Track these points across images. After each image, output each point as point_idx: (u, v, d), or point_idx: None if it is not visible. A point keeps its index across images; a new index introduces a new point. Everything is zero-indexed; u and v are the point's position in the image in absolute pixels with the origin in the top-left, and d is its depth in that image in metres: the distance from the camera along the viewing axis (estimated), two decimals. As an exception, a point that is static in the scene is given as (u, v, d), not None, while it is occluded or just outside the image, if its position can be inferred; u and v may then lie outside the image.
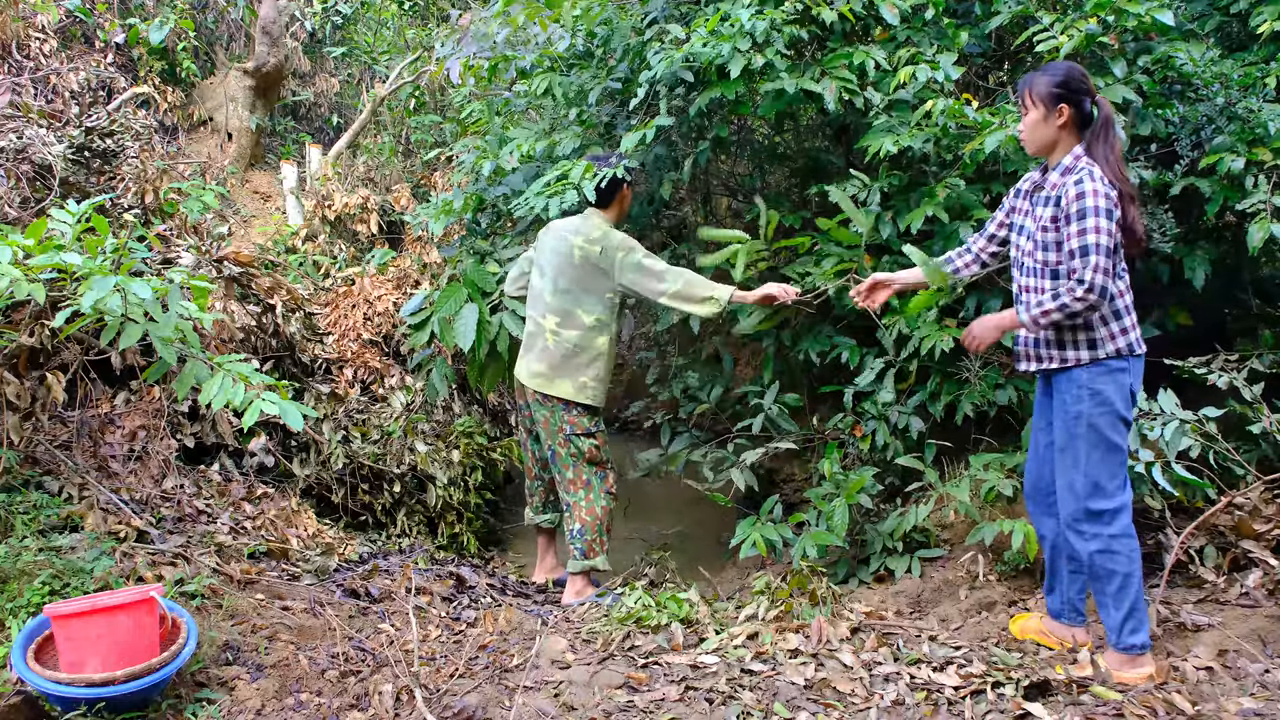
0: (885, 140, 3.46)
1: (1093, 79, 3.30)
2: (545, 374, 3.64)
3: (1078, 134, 2.57)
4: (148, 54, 7.33)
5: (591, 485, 3.70)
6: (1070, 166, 2.54)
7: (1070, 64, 2.63)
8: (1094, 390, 2.53)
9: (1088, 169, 2.49)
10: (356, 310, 5.37)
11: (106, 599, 2.36)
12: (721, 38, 3.53)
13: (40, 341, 3.34)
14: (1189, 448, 3.12)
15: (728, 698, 2.52)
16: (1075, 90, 2.54)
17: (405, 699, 2.53)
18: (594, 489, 3.70)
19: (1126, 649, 2.55)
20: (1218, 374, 3.23)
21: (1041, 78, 2.58)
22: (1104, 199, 2.42)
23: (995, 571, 3.39)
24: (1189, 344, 3.65)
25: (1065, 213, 2.48)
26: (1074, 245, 2.44)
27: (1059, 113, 2.55)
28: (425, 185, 7.91)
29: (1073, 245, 2.45)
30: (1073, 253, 2.45)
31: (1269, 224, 3.16)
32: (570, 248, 3.62)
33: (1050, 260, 2.56)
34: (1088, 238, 2.41)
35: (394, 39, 9.41)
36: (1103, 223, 2.40)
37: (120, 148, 4.58)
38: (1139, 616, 2.54)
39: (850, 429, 4.01)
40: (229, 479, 3.86)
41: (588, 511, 3.69)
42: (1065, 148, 2.58)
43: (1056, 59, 3.43)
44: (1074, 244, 2.44)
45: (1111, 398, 2.52)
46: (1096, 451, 2.53)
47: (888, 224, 3.66)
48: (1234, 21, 3.85)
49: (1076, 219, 2.44)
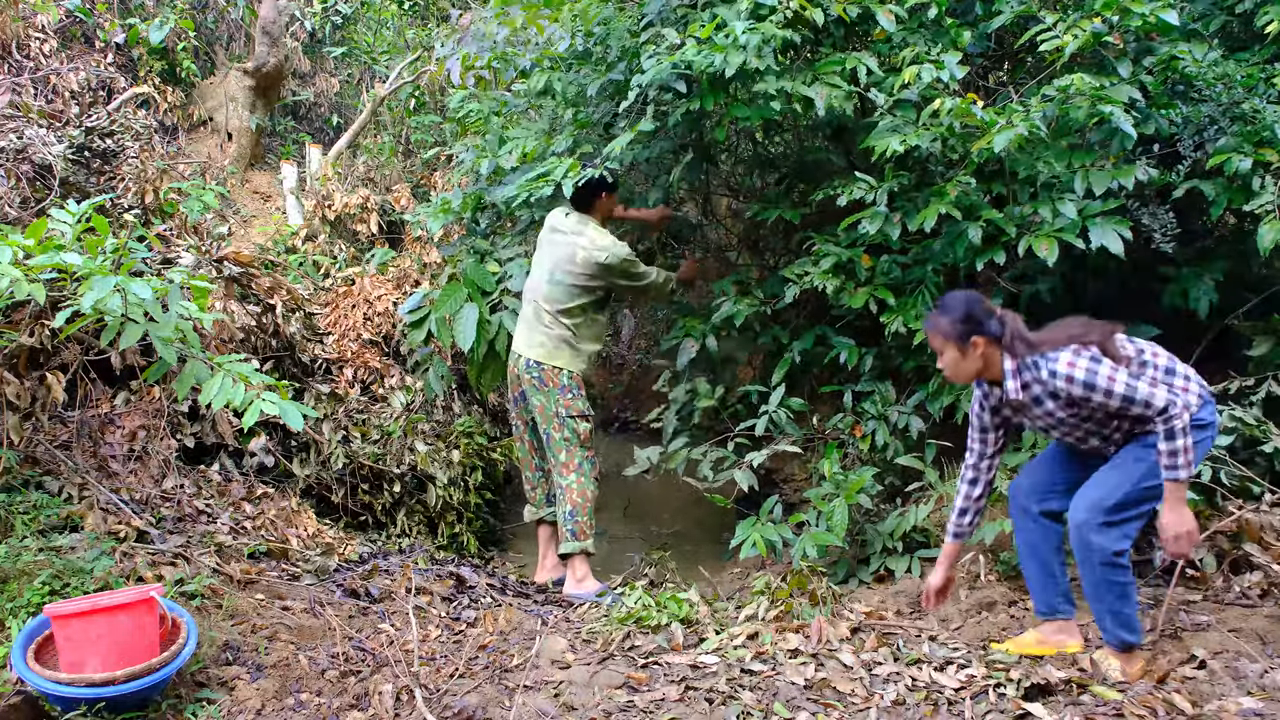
0: (892, 140, 3.45)
1: (1097, 79, 3.30)
2: (546, 347, 3.86)
3: (998, 350, 2.59)
4: (148, 54, 7.33)
5: (582, 469, 3.87)
6: (1016, 369, 2.56)
7: (966, 293, 2.68)
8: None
9: (1033, 360, 2.52)
10: (356, 310, 5.37)
11: (107, 599, 2.36)
12: (715, 48, 3.52)
13: (40, 341, 3.34)
14: (1199, 473, 3.12)
15: (728, 698, 2.52)
16: (979, 320, 2.57)
17: (405, 699, 2.53)
18: (584, 473, 3.87)
19: (1123, 646, 2.58)
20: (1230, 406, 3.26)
21: (943, 319, 2.61)
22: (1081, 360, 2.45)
23: (995, 571, 3.39)
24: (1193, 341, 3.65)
25: (1072, 398, 2.50)
26: (1117, 406, 2.45)
27: (974, 345, 2.58)
28: (425, 185, 7.91)
29: (1116, 406, 2.45)
30: (1124, 411, 2.46)
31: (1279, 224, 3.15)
32: (566, 243, 3.85)
33: (1092, 429, 2.59)
34: (1116, 390, 2.42)
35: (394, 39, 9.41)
36: (1104, 369, 2.43)
37: (120, 148, 4.58)
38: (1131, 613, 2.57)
39: (850, 429, 4.01)
40: (229, 479, 3.86)
41: (579, 494, 3.85)
42: (996, 362, 2.61)
43: (1060, 58, 3.43)
44: (1115, 405, 2.45)
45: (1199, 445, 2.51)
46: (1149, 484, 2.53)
47: (895, 225, 3.65)
48: (1237, 21, 3.84)
49: (1091, 391, 2.45)
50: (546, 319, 3.86)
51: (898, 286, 3.86)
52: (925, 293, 3.81)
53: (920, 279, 3.84)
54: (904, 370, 4.02)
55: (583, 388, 3.90)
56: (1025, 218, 3.46)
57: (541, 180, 3.90)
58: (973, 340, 2.57)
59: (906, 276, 3.88)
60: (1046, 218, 3.40)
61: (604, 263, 3.79)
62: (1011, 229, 3.42)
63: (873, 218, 3.65)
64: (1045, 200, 3.39)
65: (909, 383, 4.05)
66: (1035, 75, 3.81)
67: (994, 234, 3.49)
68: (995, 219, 3.45)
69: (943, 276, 3.85)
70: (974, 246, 3.51)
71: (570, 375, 3.85)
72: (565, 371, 3.84)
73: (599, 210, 3.93)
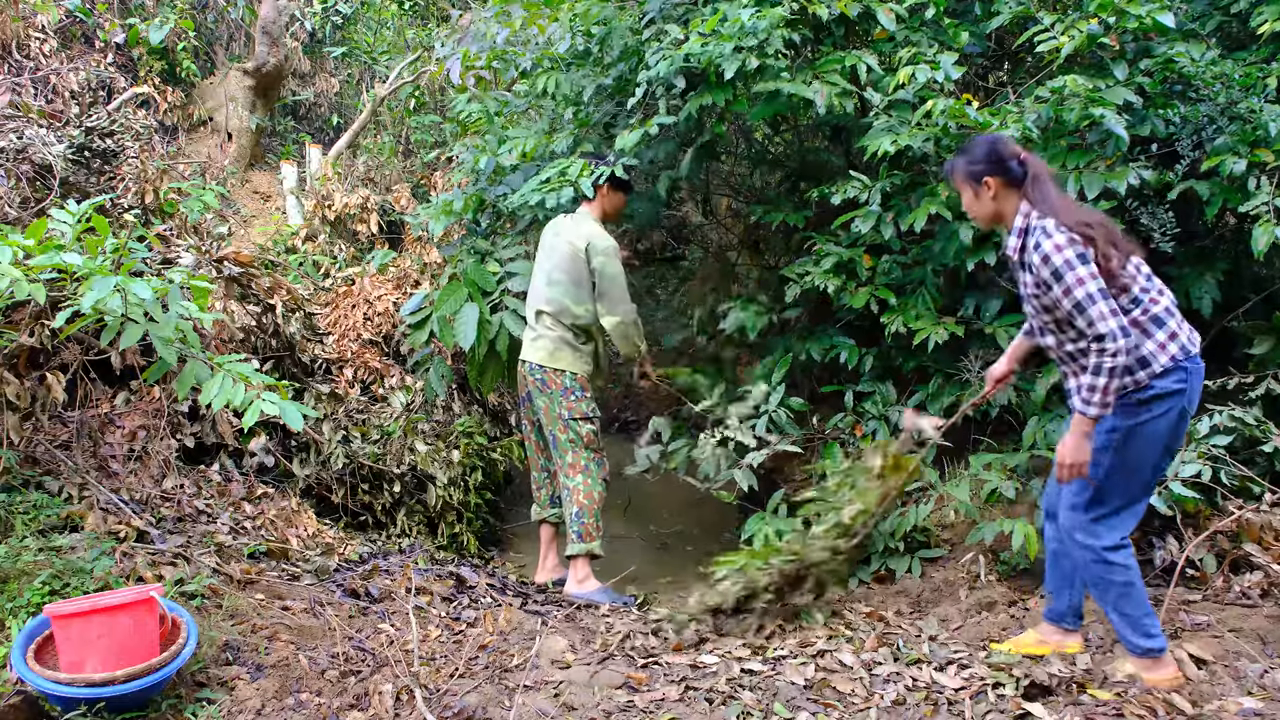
0: (884, 140, 3.46)
1: (1092, 81, 3.30)
2: (548, 349, 3.85)
3: (1016, 195, 2.54)
4: (148, 54, 7.33)
5: (589, 470, 3.86)
6: (1024, 228, 2.50)
7: (991, 136, 2.65)
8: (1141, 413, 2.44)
9: (1040, 226, 2.44)
10: (356, 310, 5.37)
11: (106, 599, 2.36)
12: (722, 38, 3.53)
13: (40, 341, 3.34)
14: (1199, 473, 3.11)
15: (728, 698, 2.52)
16: (995, 160, 2.52)
17: (405, 699, 2.53)
18: (591, 474, 3.86)
19: (1144, 653, 2.52)
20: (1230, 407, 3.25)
21: (960, 160, 2.61)
22: (1068, 249, 2.36)
23: (995, 571, 3.39)
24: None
25: (1040, 279, 2.43)
26: (1069, 307, 2.38)
27: (986, 186, 2.55)
28: (425, 185, 7.92)
29: (1068, 307, 2.38)
30: (1071, 315, 2.39)
31: (1273, 227, 3.13)
32: (562, 243, 3.86)
33: (1049, 320, 2.52)
34: (1075, 294, 2.35)
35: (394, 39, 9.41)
36: (1080, 271, 2.35)
37: (120, 148, 4.58)
38: (1147, 621, 2.51)
39: (851, 429, 4.01)
40: (229, 479, 3.86)
41: (585, 495, 3.84)
42: (1012, 210, 2.55)
43: (1056, 59, 3.43)
44: (1068, 305, 2.38)
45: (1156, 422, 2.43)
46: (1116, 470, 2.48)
47: (888, 224, 3.66)
48: (1234, 22, 3.84)
49: (1055, 281, 2.38)
50: (547, 321, 3.86)
51: (898, 287, 3.87)
52: (925, 293, 3.81)
53: (921, 279, 3.84)
54: (905, 370, 4.02)
55: (587, 389, 3.88)
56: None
57: (559, 182, 3.88)
58: (985, 180, 2.54)
59: (907, 277, 3.88)
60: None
61: (585, 248, 3.77)
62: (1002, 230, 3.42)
63: (865, 217, 3.67)
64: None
65: (909, 383, 4.05)
66: (1034, 75, 3.81)
67: (987, 234, 3.50)
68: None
69: (942, 277, 3.86)
70: (965, 247, 3.52)
71: (574, 377, 3.84)
72: (568, 374, 3.83)
73: (599, 204, 3.91)
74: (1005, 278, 3.78)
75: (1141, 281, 2.47)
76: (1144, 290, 2.46)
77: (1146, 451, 2.46)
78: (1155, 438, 2.44)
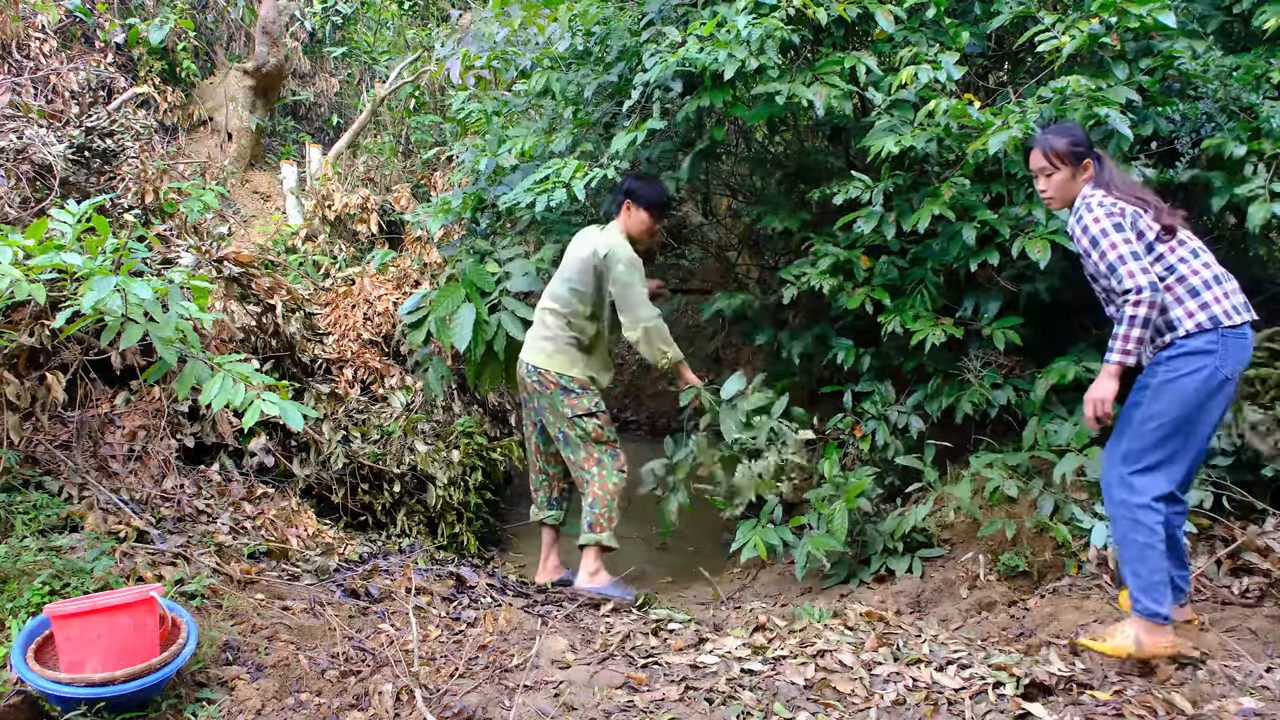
0: (887, 140, 3.45)
1: (1094, 80, 3.31)
2: (547, 351, 3.84)
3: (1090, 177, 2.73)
4: (148, 54, 7.34)
5: (603, 463, 3.85)
6: (1075, 206, 2.71)
7: (1073, 122, 2.85)
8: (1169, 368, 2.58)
9: (1083, 201, 2.66)
10: (356, 310, 5.37)
11: (106, 599, 2.36)
12: (719, 43, 3.52)
13: (40, 341, 3.34)
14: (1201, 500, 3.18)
15: (728, 698, 2.52)
16: (1090, 145, 2.72)
17: (405, 699, 2.53)
18: (606, 466, 3.85)
19: (1148, 615, 2.57)
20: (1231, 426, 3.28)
21: (1060, 140, 2.73)
22: (1104, 217, 2.58)
23: (995, 571, 3.39)
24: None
25: (1082, 247, 2.65)
26: (1103, 269, 2.58)
27: (1084, 167, 2.71)
28: (425, 185, 7.92)
29: (1103, 270, 2.59)
30: (1106, 276, 2.59)
31: (1268, 205, 3.27)
32: (584, 249, 3.85)
33: (1101, 290, 2.73)
34: (1108, 257, 2.56)
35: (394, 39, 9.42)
36: (1113, 237, 2.56)
37: (120, 148, 4.58)
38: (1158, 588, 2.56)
39: (850, 429, 4.01)
40: (229, 479, 3.86)
41: (600, 486, 3.83)
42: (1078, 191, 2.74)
43: (1057, 59, 3.43)
44: (1103, 268, 2.58)
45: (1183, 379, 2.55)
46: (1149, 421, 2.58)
47: (890, 224, 3.65)
48: (1236, 21, 3.85)
49: (1092, 248, 2.60)
50: (550, 321, 3.85)
51: (895, 287, 3.86)
52: (924, 293, 3.81)
53: (919, 279, 3.84)
54: (904, 370, 4.02)
55: (588, 387, 3.85)
56: (1021, 219, 3.47)
57: (550, 183, 3.88)
58: (1084, 162, 2.70)
59: (905, 277, 3.88)
60: (1041, 219, 3.41)
61: (605, 257, 3.74)
62: (1006, 230, 3.43)
63: (868, 217, 3.67)
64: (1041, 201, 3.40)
65: (908, 383, 4.05)
66: (1035, 75, 3.81)
67: (990, 234, 3.50)
68: (990, 220, 3.45)
69: (942, 277, 3.86)
70: (968, 247, 3.52)
71: (571, 379, 3.81)
72: (565, 376, 3.80)
73: (624, 221, 3.85)
74: (1005, 276, 3.78)
75: (1181, 253, 2.63)
76: (1182, 260, 2.62)
77: (1177, 407, 2.56)
78: (1185, 394, 2.55)
